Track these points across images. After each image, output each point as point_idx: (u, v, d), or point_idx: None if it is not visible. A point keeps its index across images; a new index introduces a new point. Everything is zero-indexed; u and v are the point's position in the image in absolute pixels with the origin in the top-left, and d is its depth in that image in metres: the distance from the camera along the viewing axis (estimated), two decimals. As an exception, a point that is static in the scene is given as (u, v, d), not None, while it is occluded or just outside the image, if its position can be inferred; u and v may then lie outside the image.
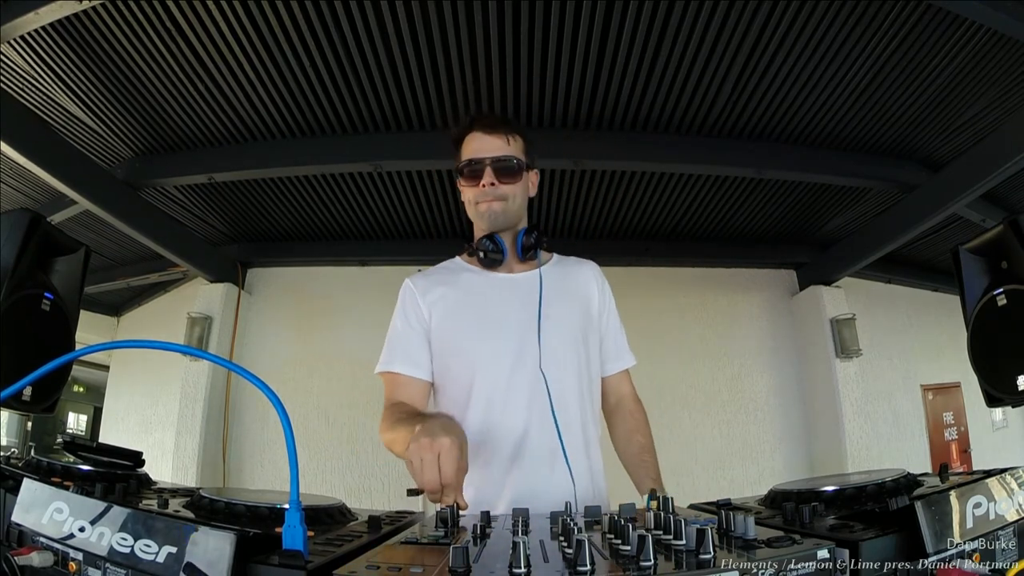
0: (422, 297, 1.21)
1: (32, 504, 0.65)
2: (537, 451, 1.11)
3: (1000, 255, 1.40)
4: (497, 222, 1.21)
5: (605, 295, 1.31)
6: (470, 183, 1.21)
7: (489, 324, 1.17)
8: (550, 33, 2.33)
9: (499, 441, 1.11)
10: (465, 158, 1.21)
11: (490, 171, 1.18)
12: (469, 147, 1.21)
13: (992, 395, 1.42)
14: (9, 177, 3.08)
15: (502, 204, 1.20)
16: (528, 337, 1.15)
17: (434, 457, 0.79)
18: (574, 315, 1.22)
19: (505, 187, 1.19)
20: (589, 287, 1.29)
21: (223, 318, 3.99)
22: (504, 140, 1.20)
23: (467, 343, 1.17)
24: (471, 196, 1.22)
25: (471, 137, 1.22)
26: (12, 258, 1.27)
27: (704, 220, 3.99)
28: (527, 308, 1.18)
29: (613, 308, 1.32)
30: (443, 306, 1.20)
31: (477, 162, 1.18)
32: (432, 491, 0.80)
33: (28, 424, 5.49)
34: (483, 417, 1.13)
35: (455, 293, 1.22)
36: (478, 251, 1.21)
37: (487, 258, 1.21)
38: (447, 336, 1.19)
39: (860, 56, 2.46)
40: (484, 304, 1.20)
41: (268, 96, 2.71)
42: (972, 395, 3.96)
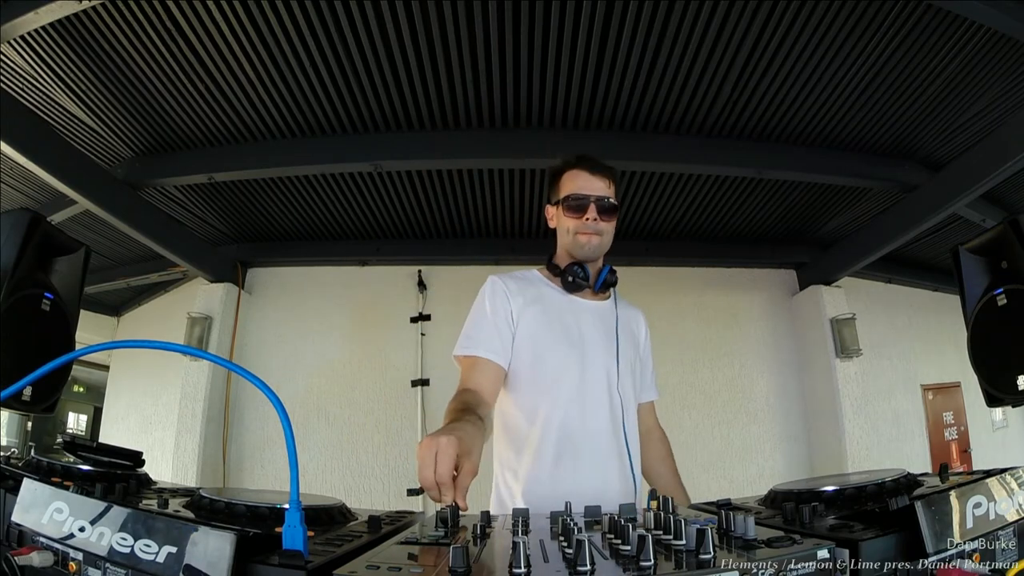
0: (511, 297, 1.31)
1: (32, 504, 0.65)
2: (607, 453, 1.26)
3: (1000, 255, 1.40)
4: (592, 253, 1.35)
5: (647, 339, 1.49)
6: (573, 215, 1.33)
7: (569, 338, 1.30)
8: (550, 33, 2.33)
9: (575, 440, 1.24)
10: (572, 192, 1.33)
11: (594, 208, 1.31)
12: (574, 182, 1.34)
13: (992, 395, 1.43)
14: (9, 177, 3.08)
15: (599, 239, 1.33)
16: (601, 357, 1.31)
17: (432, 454, 0.80)
18: (632, 349, 1.40)
19: (603, 224, 1.33)
20: (640, 329, 1.47)
21: (223, 318, 3.99)
22: (607, 183, 1.35)
23: (547, 349, 1.29)
24: (572, 226, 1.33)
25: (576, 174, 1.35)
26: (12, 258, 1.27)
27: (704, 220, 3.99)
28: (606, 334, 1.34)
29: (650, 350, 1.50)
30: (534, 311, 1.31)
31: (583, 198, 1.32)
32: (426, 486, 0.80)
33: (28, 424, 5.49)
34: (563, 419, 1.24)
35: (537, 299, 1.33)
36: (567, 275, 1.34)
37: (574, 282, 1.33)
38: (540, 339, 1.29)
39: (860, 56, 2.46)
40: (571, 322, 1.33)
41: (268, 96, 2.71)
42: (972, 395, 3.96)
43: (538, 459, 1.23)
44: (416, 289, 4.23)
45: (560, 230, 1.39)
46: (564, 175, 1.39)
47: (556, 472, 1.22)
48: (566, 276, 1.34)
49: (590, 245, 1.33)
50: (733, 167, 3.16)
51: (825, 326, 4.16)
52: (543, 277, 1.42)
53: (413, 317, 4.19)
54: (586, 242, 1.33)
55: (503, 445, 1.32)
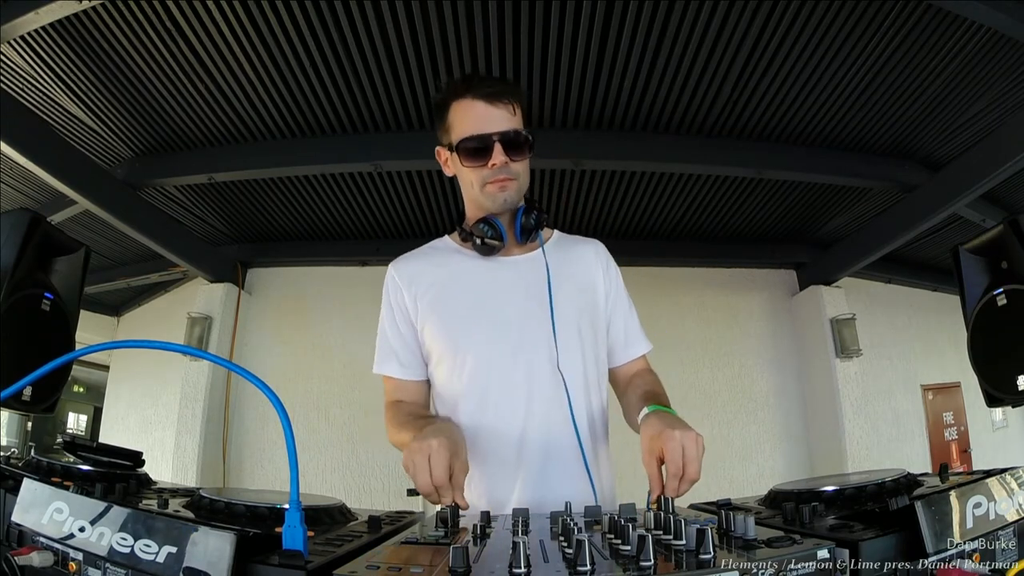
0: (407, 288, 1.11)
1: (32, 504, 0.65)
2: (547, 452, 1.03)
3: (1000, 255, 1.40)
4: (511, 205, 1.07)
5: (611, 276, 1.17)
6: (475, 162, 1.04)
7: (486, 315, 1.06)
8: (550, 33, 2.33)
9: (501, 441, 1.03)
10: (468, 133, 1.02)
11: (499, 148, 1.02)
12: (468, 118, 1.03)
13: (992, 395, 1.43)
14: (9, 177, 3.08)
15: (515, 184, 1.06)
16: (533, 329, 1.05)
17: (425, 459, 0.79)
18: (580, 302, 1.10)
19: (516, 165, 1.05)
20: (593, 270, 1.16)
21: (223, 318, 3.99)
22: (510, 110, 1.04)
23: (461, 336, 1.06)
24: (476, 177, 1.05)
25: (467, 105, 1.04)
26: (12, 258, 1.27)
27: (704, 220, 3.99)
28: (530, 297, 1.07)
29: (622, 290, 1.18)
30: (432, 295, 1.09)
31: (484, 138, 1.02)
32: (425, 493, 0.80)
33: (28, 424, 5.49)
34: (479, 417, 1.04)
35: (445, 279, 1.10)
36: (475, 237, 1.08)
37: (484, 244, 1.07)
38: (438, 329, 1.08)
39: (860, 56, 2.46)
40: (480, 292, 1.08)
41: (268, 96, 2.71)
42: (972, 395, 3.96)
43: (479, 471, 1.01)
44: (416, 289, 4.23)
45: (462, 182, 1.10)
46: (452, 107, 1.06)
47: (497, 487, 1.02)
48: (474, 239, 1.08)
49: (506, 196, 1.06)
50: (733, 167, 3.16)
51: (825, 326, 4.16)
52: (455, 244, 1.16)
53: (413, 317, 4.18)
54: (498, 192, 1.05)
55: None
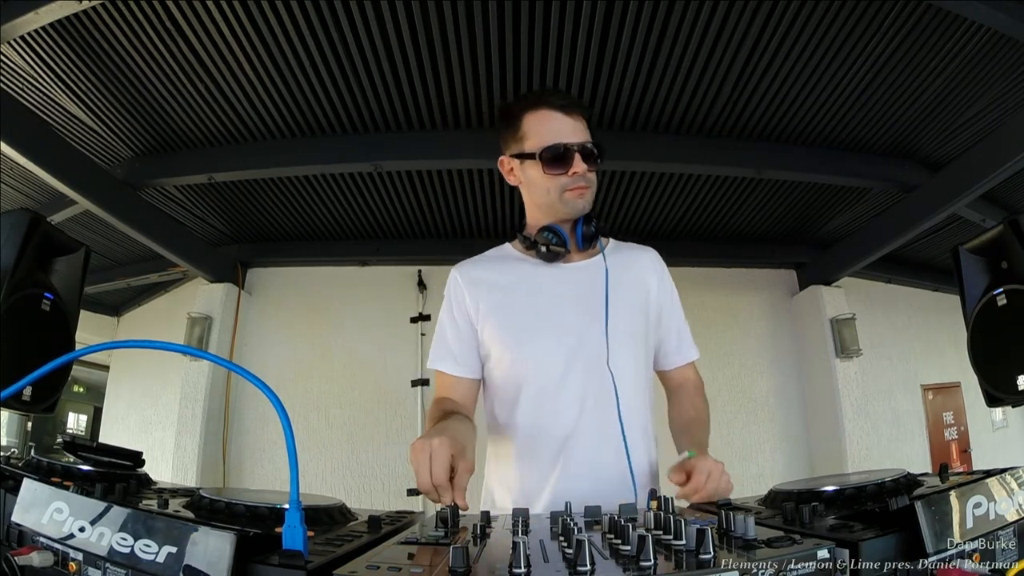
0: (469, 290, 1.15)
1: (32, 504, 0.65)
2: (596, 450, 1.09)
3: (1000, 255, 1.41)
4: (584, 210, 1.13)
5: (664, 284, 1.24)
6: (556, 170, 1.09)
7: (546, 319, 1.12)
8: (550, 33, 2.34)
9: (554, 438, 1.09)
10: (549, 142, 1.08)
11: (579, 158, 1.08)
12: (547, 129, 1.09)
13: (992, 395, 1.43)
14: (9, 177, 3.08)
15: (590, 192, 1.12)
16: (590, 332, 1.10)
17: (426, 458, 0.79)
18: (635, 307, 1.16)
19: (591, 174, 1.11)
20: (648, 278, 1.22)
21: (223, 318, 4.00)
22: (582, 122, 1.11)
23: (522, 339, 1.12)
24: (554, 184, 1.10)
25: (545, 116, 1.10)
26: (12, 258, 1.27)
27: (704, 220, 3.99)
28: (588, 301, 1.12)
29: (676, 300, 1.25)
30: (495, 299, 1.14)
31: (566, 147, 1.08)
32: (425, 491, 0.80)
33: (28, 424, 5.49)
34: (535, 416, 1.10)
35: (507, 284, 1.15)
36: (539, 244, 1.13)
37: (549, 252, 1.13)
38: (498, 332, 1.13)
39: (860, 56, 2.46)
40: (540, 297, 1.14)
41: (268, 96, 2.71)
42: (972, 395, 3.96)
43: (524, 466, 1.11)
44: (416, 289, 4.24)
45: (535, 189, 1.13)
46: (526, 118, 1.12)
47: (544, 479, 1.09)
48: (538, 247, 1.14)
49: (584, 203, 1.11)
50: (733, 167, 3.16)
51: (825, 326, 4.16)
52: (517, 252, 1.21)
53: (413, 317, 4.19)
54: (577, 199, 1.10)
55: (490, 450, 1.21)
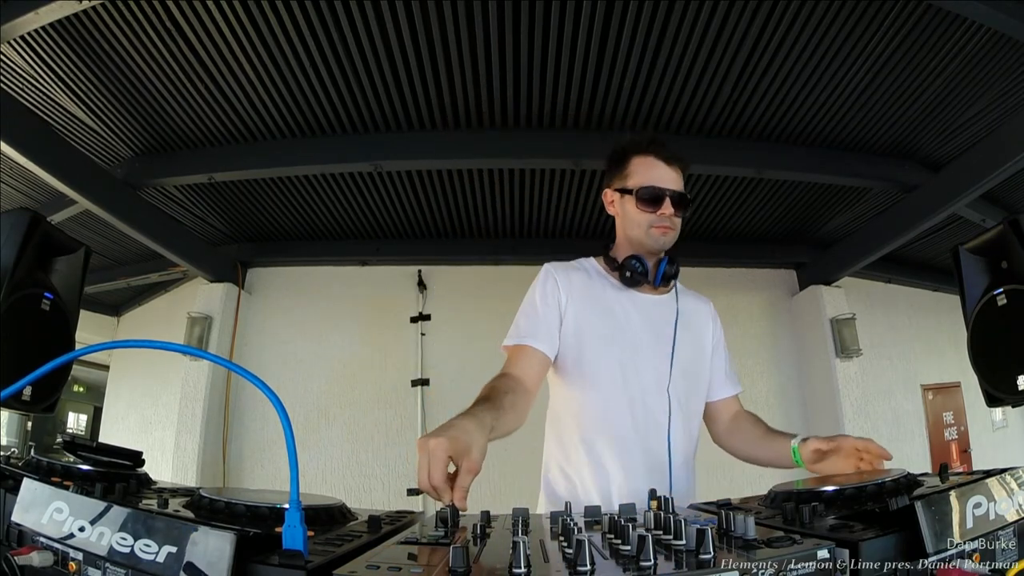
0: (563, 287, 1.27)
1: (32, 504, 0.65)
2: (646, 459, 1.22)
3: (1000, 255, 1.40)
4: (665, 247, 1.29)
5: (718, 332, 1.41)
6: (648, 208, 1.26)
7: (628, 339, 1.26)
8: (550, 33, 2.33)
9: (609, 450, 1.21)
10: (648, 183, 1.25)
11: (669, 202, 1.25)
12: (649, 172, 1.27)
13: (992, 395, 1.43)
14: (9, 177, 3.08)
15: (673, 234, 1.28)
16: (659, 358, 1.26)
17: (425, 457, 0.79)
18: (695, 347, 1.33)
19: (677, 219, 1.27)
20: (706, 324, 1.39)
21: (223, 318, 3.99)
22: (679, 173, 1.28)
23: (610, 349, 1.24)
24: (645, 220, 1.26)
25: (649, 162, 1.27)
26: (12, 258, 1.27)
27: (704, 220, 3.99)
28: (660, 331, 1.28)
29: (724, 343, 1.43)
30: (585, 306, 1.27)
31: (661, 191, 1.25)
32: (424, 490, 0.80)
33: (28, 424, 5.49)
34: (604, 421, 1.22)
35: (597, 297, 1.28)
36: (624, 270, 1.28)
37: (632, 277, 1.27)
38: (588, 337, 1.25)
39: (860, 56, 2.46)
40: (624, 319, 1.27)
41: (268, 96, 2.71)
42: (972, 395, 3.96)
43: (580, 459, 1.22)
44: (416, 289, 4.23)
45: (628, 221, 1.30)
46: (633, 160, 1.30)
47: (598, 474, 1.21)
48: (624, 271, 1.28)
49: (663, 240, 1.27)
50: (733, 167, 3.16)
51: (825, 326, 4.16)
52: (600, 269, 1.35)
53: (413, 317, 4.19)
54: (661, 236, 1.27)
55: (552, 441, 1.30)
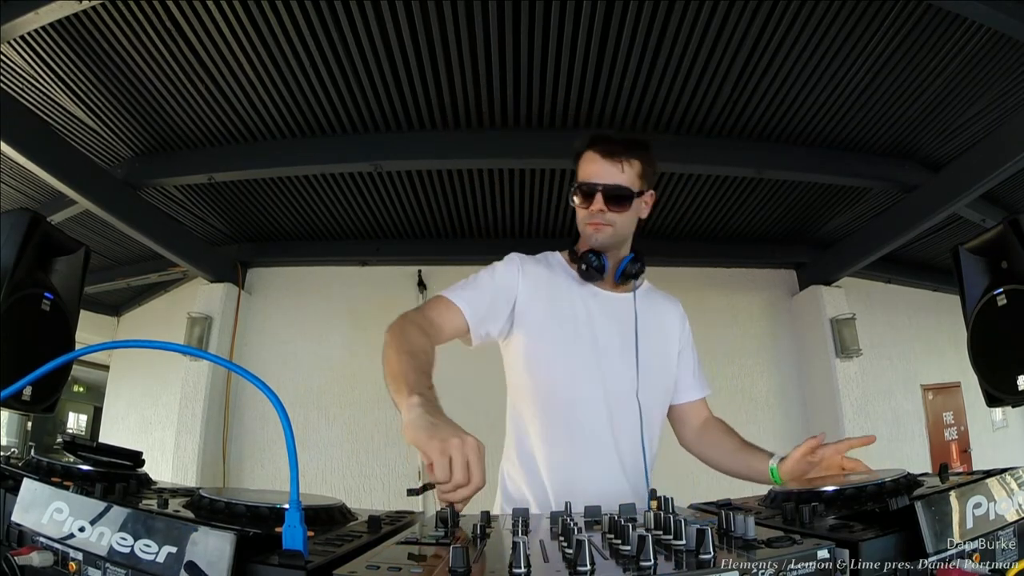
0: (524, 278, 1.25)
1: (32, 504, 0.65)
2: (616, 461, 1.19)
3: (1000, 255, 1.40)
4: (600, 246, 1.25)
5: (685, 333, 1.39)
6: (582, 204, 1.24)
7: (587, 336, 1.23)
8: (550, 33, 2.34)
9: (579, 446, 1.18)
10: (580, 179, 1.25)
11: (600, 197, 1.21)
12: (585, 168, 1.25)
13: (992, 395, 1.43)
14: (9, 177, 3.08)
15: (610, 230, 1.23)
16: (622, 360, 1.23)
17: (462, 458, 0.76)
18: (658, 349, 1.30)
19: (613, 214, 1.22)
20: (673, 325, 1.37)
21: (223, 318, 4.00)
22: (619, 167, 1.22)
23: (567, 349, 1.22)
24: (580, 216, 1.25)
25: (588, 157, 1.25)
26: (12, 258, 1.27)
27: (704, 220, 3.99)
28: (623, 333, 1.25)
29: (692, 344, 1.40)
30: (544, 301, 1.24)
31: (589, 187, 1.22)
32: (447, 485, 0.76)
33: (28, 424, 5.49)
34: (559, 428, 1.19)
35: (556, 292, 1.26)
36: (580, 262, 1.25)
37: (587, 271, 1.24)
38: (545, 332, 1.22)
39: (860, 56, 2.46)
40: (583, 315, 1.25)
41: (268, 96, 2.71)
42: (972, 395, 3.96)
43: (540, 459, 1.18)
44: (416, 289, 4.24)
45: (576, 215, 1.29)
46: (580, 159, 1.28)
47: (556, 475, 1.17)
48: (580, 264, 1.26)
49: (596, 238, 1.24)
50: (733, 167, 3.16)
51: (825, 326, 4.16)
52: (564, 262, 1.33)
53: (413, 317, 4.18)
54: (592, 233, 1.24)
55: (510, 440, 1.25)
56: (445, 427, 0.81)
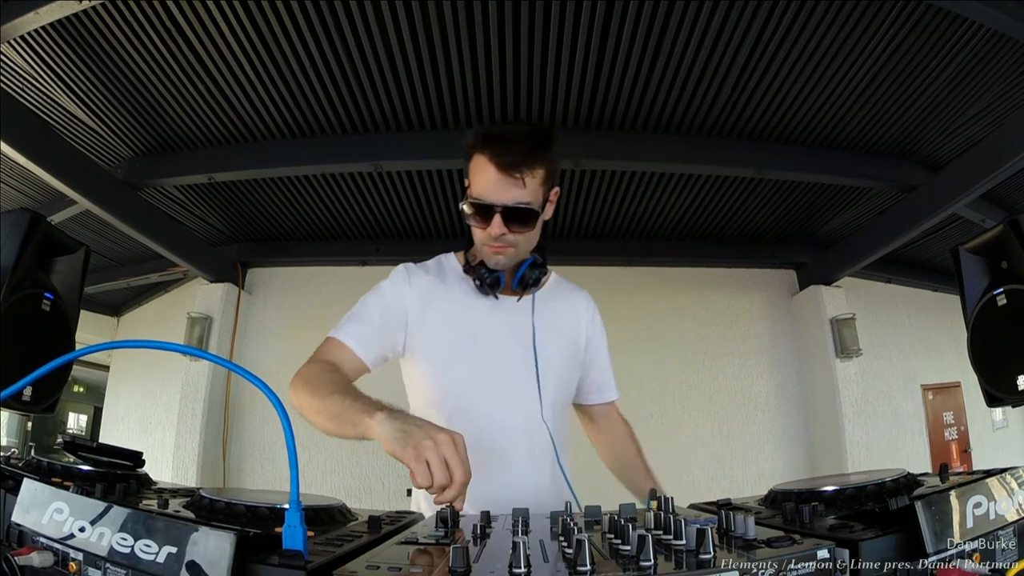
0: (415, 293, 1.16)
1: (32, 504, 0.65)
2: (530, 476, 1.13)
3: (1000, 255, 1.40)
4: (501, 267, 1.13)
5: (595, 327, 1.28)
6: (477, 223, 1.08)
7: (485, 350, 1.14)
8: (550, 33, 2.33)
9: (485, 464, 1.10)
10: (475, 195, 1.06)
11: (499, 220, 1.05)
12: (479, 180, 1.06)
13: (992, 395, 1.42)
14: (9, 177, 3.08)
15: (511, 251, 1.10)
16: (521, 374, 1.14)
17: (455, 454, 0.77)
18: (564, 351, 1.21)
19: (514, 235, 1.07)
20: (580, 319, 1.27)
21: (223, 318, 3.99)
22: (521, 182, 1.03)
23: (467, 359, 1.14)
24: (478, 236, 1.11)
25: (483, 165, 1.05)
26: (12, 258, 1.27)
27: (704, 220, 3.99)
28: (522, 341, 1.15)
29: (603, 341, 1.30)
30: (438, 314, 1.15)
31: (488, 207, 1.05)
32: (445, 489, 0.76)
33: (28, 424, 5.49)
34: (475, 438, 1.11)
35: (451, 304, 1.16)
36: (474, 278, 1.15)
37: (481, 287, 1.14)
38: (443, 347, 1.15)
39: (860, 56, 2.46)
40: (482, 325, 1.15)
41: (268, 96, 2.71)
42: (972, 395, 3.96)
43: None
44: (416, 289, 4.23)
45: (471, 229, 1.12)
46: (474, 156, 1.08)
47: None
48: (474, 279, 1.14)
49: (497, 260, 1.10)
50: (733, 167, 3.16)
51: (825, 326, 4.16)
52: (458, 268, 1.21)
53: (413, 317, 4.18)
54: (492, 256, 1.10)
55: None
56: (416, 431, 0.81)
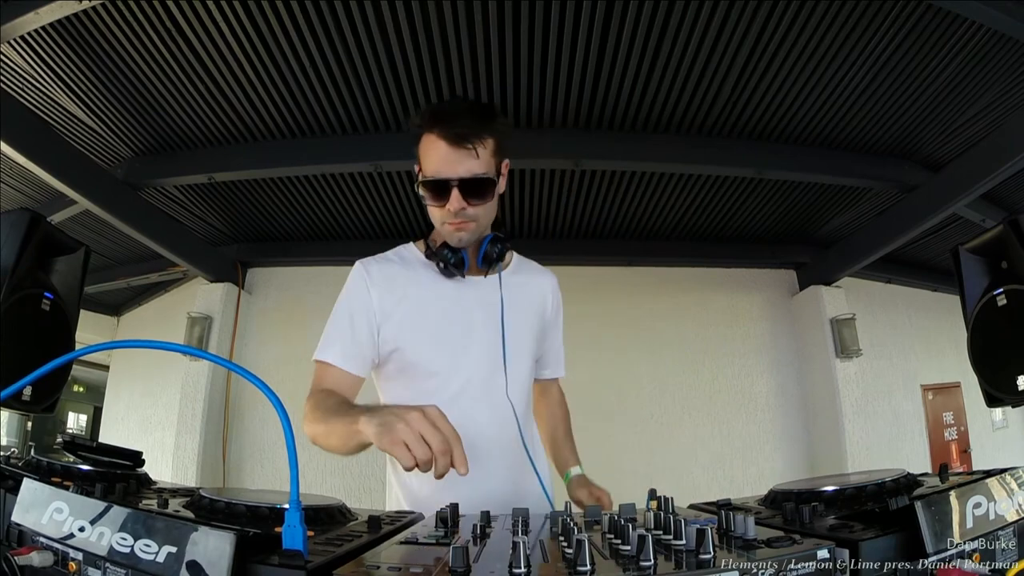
0: (376, 290, 1.14)
1: (32, 504, 0.65)
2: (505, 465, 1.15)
3: (1000, 255, 1.40)
4: (464, 244, 1.12)
5: (557, 310, 1.32)
6: (434, 202, 1.07)
7: (458, 334, 1.14)
8: (550, 33, 2.33)
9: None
10: (429, 173, 1.05)
11: (457, 193, 1.04)
12: (430, 157, 1.06)
13: (992, 395, 1.42)
14: (9, 177, 3.08)
15: (474, 225, 1.09)
16: (493, 355, 1.15)
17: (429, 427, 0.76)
18: (530, 327, 1.23)
19: (474, 209, 1.06)
20: (545, 300, 1.28)
21: (223, 318, 4.00)
22: (473, 153, 1.04)
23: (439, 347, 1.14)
24: (436, 215, 1.09)
25: (433, 142, 1.05)
26: (12, 258, 1.27)
27: (704, 220, 3.99)
28: (489, 322, 1.16)
29: (560, 323, 1.34)
30: (405, 305, 1.14)
31: (443, 183, 1.04)
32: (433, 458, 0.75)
33: (28, 424, 5.49)
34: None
35: (415, 294, 1.15)
36: (438, 261, 1.13)
37: (446, 269, 1.13)
38: (413, 338, 1.13)
39: (860, 56, 2.46)
40: (452, 311, 1.15)
41: (268, 96, 2.71)
42: (972, 395, 3.96)
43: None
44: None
45: (428, 211, 1.12)
46: (423, 138, 1.08)
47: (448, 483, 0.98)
48: (437, 263, 1.13)
49: (459, 237, 1.09)
50: (733, 167, 3.16)
51: (825, 326, 4.16)
52: (420, 256, 1.19)
53: (413, 317, 4.18)
54: (454, 233, 1.09)
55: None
56: (390, 418, 0.80)
